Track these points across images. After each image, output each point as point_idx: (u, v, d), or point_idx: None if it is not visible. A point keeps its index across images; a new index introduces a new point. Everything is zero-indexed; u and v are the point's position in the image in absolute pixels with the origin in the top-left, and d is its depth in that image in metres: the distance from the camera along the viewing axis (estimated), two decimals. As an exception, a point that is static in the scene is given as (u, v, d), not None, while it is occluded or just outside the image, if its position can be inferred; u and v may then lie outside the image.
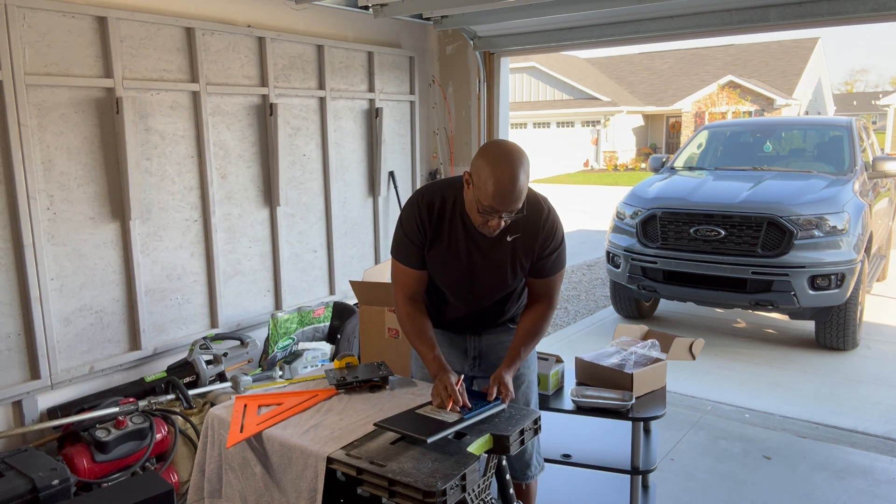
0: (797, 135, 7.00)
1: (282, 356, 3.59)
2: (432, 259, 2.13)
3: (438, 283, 2.20)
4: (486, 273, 2.13)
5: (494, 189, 1.88)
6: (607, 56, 33.82)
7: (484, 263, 2.12)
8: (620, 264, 5.69)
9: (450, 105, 5.05)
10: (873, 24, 4.12)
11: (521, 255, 2.12)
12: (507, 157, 1.91)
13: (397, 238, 2.17)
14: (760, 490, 3.23)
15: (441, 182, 2.19)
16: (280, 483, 1.90)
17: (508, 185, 1.88)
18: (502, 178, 1.88)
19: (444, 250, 2.11)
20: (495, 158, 1.91)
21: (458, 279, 2.16)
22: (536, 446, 2.39)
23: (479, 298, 2.21)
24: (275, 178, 3.87)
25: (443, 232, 2.10)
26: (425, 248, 2.12)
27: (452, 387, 1.97)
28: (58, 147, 2.97)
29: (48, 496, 2.32)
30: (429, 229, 2.09)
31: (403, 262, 2.17)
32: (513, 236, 2.09)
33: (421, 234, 2.10)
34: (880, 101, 23.44)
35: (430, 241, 2.11)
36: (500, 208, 1.92)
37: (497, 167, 1.89)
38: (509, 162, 1.90)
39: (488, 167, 1.90)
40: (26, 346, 2.95)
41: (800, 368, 4.95)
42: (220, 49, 3.57)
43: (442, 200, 2.10)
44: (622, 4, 3.82)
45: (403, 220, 2.14)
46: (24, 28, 2.81)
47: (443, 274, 2.16)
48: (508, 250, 2.10)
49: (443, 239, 2.10)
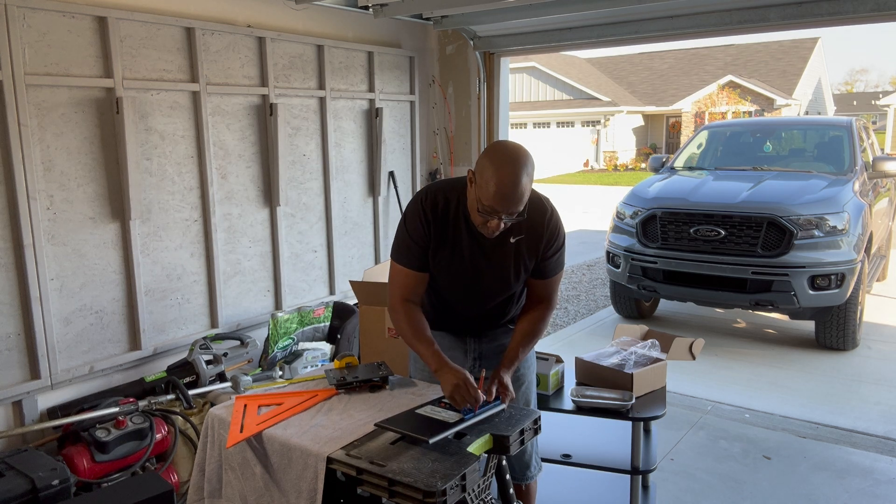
0: (797, 135, 7.00)
1: (282, 356, 3.59)
2: (436, 260, 2.11)
3: (441, 285, 2.18)
4: (489, 275, 2.13)
5: (496, 190, 1.88)
6: (607, 56, 33.82)
7: (487, 265, 2.11)
8: (620, 264, 5.69)
9: (450, 105, 5.05)
10: (873, 24, 4.12)
11: (525, 257, 2.11)
12: (512, 158, 1.90)
13: (399, 239, 2.14)
14: (760, 490, 3.23)
15: (444, 182, 2.17)
16: (280, 483, 1.90)
17: (510, 187, 1.88)
18: (504, 179, 1.87)
19: (448, 252, 2.10)
20: (500, 159, 1.91)
21: (461, 281, 2.14)
22: (535, 447, 2.39)
23: (482, 300, 2.20)
24: (275, 178, 3.87)
25: (447, 233, 2.08)
26: (429, 248, 2.10)
27: (475, 387, 1.94)
28: (58, 147, 2.97)
29: (48, 496, 2.32)
30: (433, 229, 2.07)
31: (404, 264, 2.13)
32: (516, 238, 2.08)
33: (426, 234, 2.08)
34: (880, 101, 23.45)
35: (435, 241, 2.09)
36: (500, 209, 1.91)
37: (500, 168, 1.88)
38: (513, 164, 1.89)
39: (492, 167, 1.89)
40: (26, 346, 2.95)
41: (800, 368, 4.95)
42: (220, 49, 3.57)
43: (445, 200, 2.08)
44: (622, 4, 3.82)
45: (408, 219, 2.11)
46: (24, 28, 2.81)
47: (446, 276, 2.14)
48: (512, 252, 2.10)
49: (447, 240, 2.09)
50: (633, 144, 29.07)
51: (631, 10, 4.06)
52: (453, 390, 1.94)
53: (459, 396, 1.92)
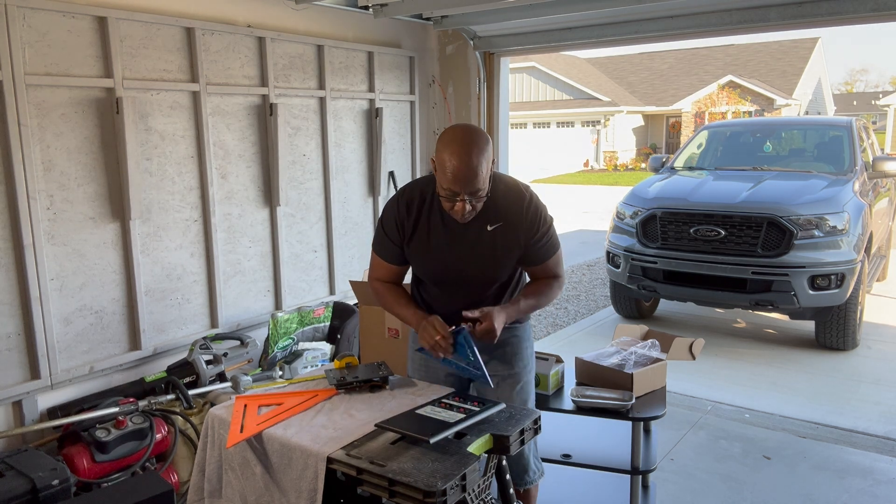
0: (797, 135, 7.00)
1: (282, 356, 3.59)
2: (413, 254, 2.18)
3: (427, 277, 2.24)
4: (469, 264, 2.15)
5: (450, 170, 1.93)
6: (607, 56, 33.84)
7: (467, 254, 2.14)
8: (620, 264, 5.69)
9: (450, 105, 5.05)
10: (873, 24, 4.13)
11: (504, 245, 2.13)
12: (462, 137, 1.95)
13: (377, 233, 2.24)
14: (760, 490, 3.23)
15: (424, 178, 2.24)
16: (280, 483, 1.90)
17: (463, 166, 1.92)
18: (456, 158, 1.92)
19: (424, 244, 2.15)
20: (451, 140, 1.96)
21: (442, 272, 2.19)
22: (533, 450, 2.38)
23: (468, 290, 2.21)
24: (275, 178, 3.87)
25: (422, 227, 2.14)
26: (404, 243, 2.17)
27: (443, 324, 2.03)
28: (58, 147, 2.97)
29: (48, 496, 2.32)
30: (407, 227, 2.15)
31: (381, 256, 2.25)
32: (493, 226, 2.11)
33: (399, 232, 2.16)
34: (880, 101, 23.47)
35: (409, 237, 2.16)
36: (457, 189, 1.95)
37: (451, 148, 1.94)
38: (463, 142, 1.94)
39: (445, 150, 1.95)
40: (26, 346, 2.95)
41: (800, 368, 4.95)
42: (220, 49, 3.57)
43: (421, 196, 2.15)
44: (622, 4, 3.82)
45: (384, 217, 2.20)
46: (24, 28, 2.81)
47: (429, 267, 2.20)
48: (489, 240, 2.12)
49: (422, 234, 2.14)
50: (633, 144, 29.08)
51: (631, 10, 4.06)
52: (421, 330, 2.05)
53: (426, 333, 2.02)
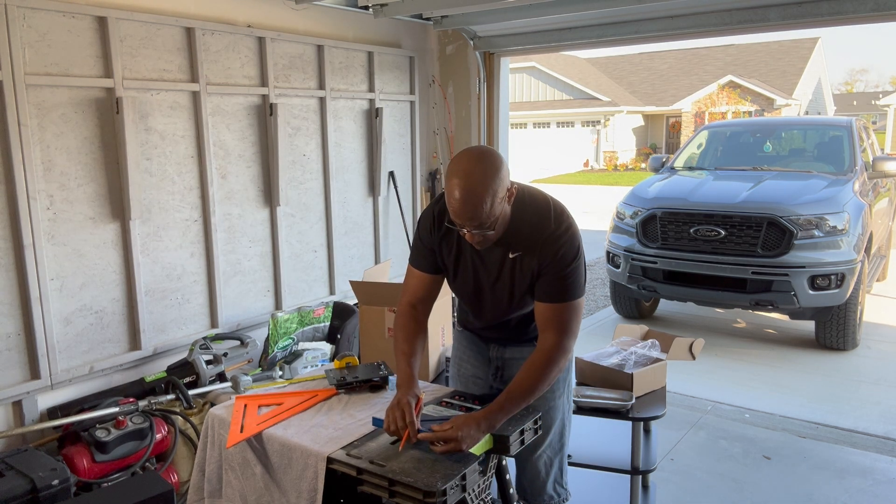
0: (797, 135, 7.00)
1: (282, 356, 3.59)
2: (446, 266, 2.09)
3: (452, 291, 2.16)
4: (491, 291, 2.05)
5: (452, 203, 1.79)
6: (607, 56, 33.81)
7: (488, 280, 2.03)
8: (620, 264, 5.69)
9: (450, 105, 5.05)
10: (873, 24, 4.13)
11: (522, 275, 1.97)
12: (466, 168, 1.77)
13: (414, 242, 2.13)
14: (760, 490, 3.23)
15: None
16: (280, 483, 1.90)
17: (462, 201, 1.76)
18: (457, 191, 1.76)
19: (453, 262, 2.06)
20: (455, 170, 1.79)
21: (468, 292, 2.11)
22: (557, 470, 2.21)
23: (493, 313, 2.12)
24: (275, 178, 3.87)
25: (451, 244, 2.04)
26: (437, 252, 2.07)
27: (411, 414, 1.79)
28: (58, 147, 2.97)
29: (48, 496, 2.32)
30: (441, 234, 2.03)
31: (414, 265, 2.12)
32: (514, 254, 1.95)
33: (432, 238, 2.05)
34: (880, 101, 23.46)
35: (443, 247, 2.05)
36: (458, 222, 1.81)
37: (453, 181, 1.78)
38: (467, 174, 1.76)
39: (449, 180, 1.79)
40: (26, 346, 2.95)
41: (800, 368, 4.95)
42: (220, 49, 3.57)
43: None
44: (622, 4, 3.82)
45: (419, 222, 2.11)
46: (24, 28, 2.81)
47: (453, 284, 2.13)
48: (509, 269, 1.98)
49: (451, 251, 2.05)
50: (633, 144, 29.07)
51: (631, 10, 4.06)
52: (388, 409, 1.85)
53: (391, 416, 1.82)
